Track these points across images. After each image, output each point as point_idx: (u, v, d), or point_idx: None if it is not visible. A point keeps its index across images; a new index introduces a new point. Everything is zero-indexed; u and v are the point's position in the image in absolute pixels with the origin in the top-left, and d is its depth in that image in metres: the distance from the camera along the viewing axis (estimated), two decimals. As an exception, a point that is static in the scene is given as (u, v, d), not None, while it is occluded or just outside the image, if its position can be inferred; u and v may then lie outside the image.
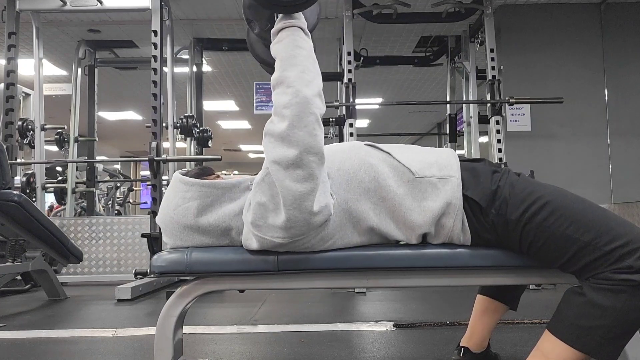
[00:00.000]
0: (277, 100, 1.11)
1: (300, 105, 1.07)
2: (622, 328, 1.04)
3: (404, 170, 1.20)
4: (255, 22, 1.31)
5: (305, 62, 1.13)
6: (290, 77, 1.10)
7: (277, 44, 1.16)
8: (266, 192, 1.11)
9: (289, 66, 1.11)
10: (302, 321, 2.41)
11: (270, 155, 1.10)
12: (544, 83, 4.61)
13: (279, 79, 1.11)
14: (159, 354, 1.23)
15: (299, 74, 1.10)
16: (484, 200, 1.17)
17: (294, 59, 1.12)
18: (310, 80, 1.11)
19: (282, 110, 1.09)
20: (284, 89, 1.10)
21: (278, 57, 1.14)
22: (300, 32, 1.17)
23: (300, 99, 1.08)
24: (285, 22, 1.17)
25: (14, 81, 3.95)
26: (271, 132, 1.10)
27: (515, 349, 1.82)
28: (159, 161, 3.68)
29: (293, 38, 1.15)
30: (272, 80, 1.14)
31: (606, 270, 1.05)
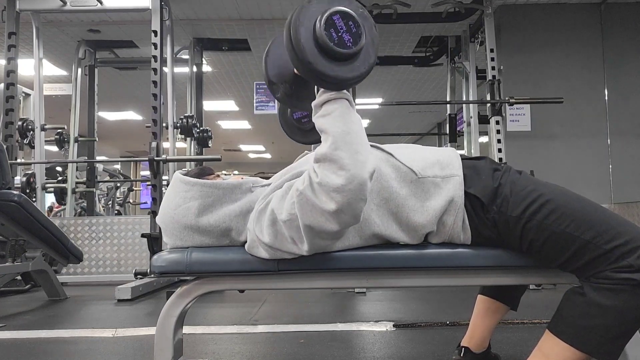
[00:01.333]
0: (326, 178, 1.00)
1: (354, 192, 1.00)
2: (623, 327, 1.04)
3: (407, 171, 1.19)
4: (278, 85, 1.17)
5: (359, 139, 1.03)
6: (344, 159, 1.00)
7: (323, 118, 1.05)
8: (289, 232, 1.10)
9: (342, 145, 1.01)
10: (302, 321, 2.41)
11: (306, 219, 1.04)
12: (544, 83, 4.61)
13: (330, 157, 1.00)
14: (159, 354, 1.23)
15: (354, 155, 1.01)
16: (486, 197, 1.17)
17: (347, 135, 1.02)
18: (364, 160, 1.01)
19: (332, 193, 1.00)
20: (335, 169, 1.00)
21: (327, 132, 1.03)
22: (348, 104, 1.07)
23: (355, 185, 0.99)
24: (330, 95, 1.06)
25: (14, 81, 3.95)
26: (312, 202, 1.02)
27: (515, 349, 1.82)
28: (159, 161, 3.68)
29: (342, 112, 1.05)
30: (318, 154, 1.02)
31: (606, 269, 1.05)
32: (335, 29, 1.01)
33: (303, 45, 1.01)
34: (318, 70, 1.02)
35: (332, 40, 1.01)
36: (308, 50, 1.01)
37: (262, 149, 14.50)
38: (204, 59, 5.76)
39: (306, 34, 1.02)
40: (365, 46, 1.04)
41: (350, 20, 1.02)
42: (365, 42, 1.04)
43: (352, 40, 1.02)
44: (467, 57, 5.04)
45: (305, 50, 1.01)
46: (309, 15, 1.02)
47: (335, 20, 1.01)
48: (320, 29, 1.00)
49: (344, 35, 1.02)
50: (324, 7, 1.03)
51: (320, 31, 1.00)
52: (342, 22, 1.02)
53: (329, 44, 1.00)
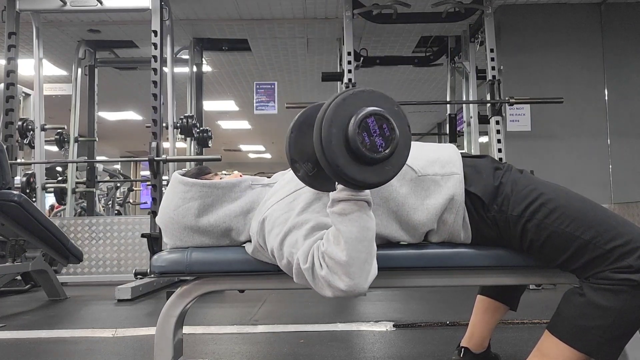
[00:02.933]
0: (330, 277, 1.01)
1: (352, 295, 1.03)
2: (622, 328, 1.04)
3: (406, 169, 1.19)
4: (300, 164, 1.09)
5: (370, 248, 1.03)
6: (353, 267, 1.00)
7: (339, 216, 1.02)
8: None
9: (353, 252, 1.00)
10: (302, 321, 2.41)
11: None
12: (544, 83, 4.60)
13: (339, 260, 1.00)
14: (159, 354, 1.23)
15: (362, 265, 1.00)
16: (487, 195, 1.17)
17: (360, 244, 1.00)
18: (369, 270, 1.02)
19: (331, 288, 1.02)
20: (341, 274, 1.00)
21: (340, 232, 1.01)
22: (367, 207, 1.04)
23: (354, 293, 1.02)
24: (351, 194, 1.02)
25: (14, 81, 3.95)
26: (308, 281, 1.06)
27: (515, 349, 1.82)
28: (159, 161, 3.68)
29: (360, 215, 1.02)
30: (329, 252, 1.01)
31: (606, 269, 1.05)
32: (368, 132, 0.97)
33: (333, 147, 0.96)
34: (346, 174, 0.97)
35: (364, 145, 0.96)
36: (338, 152, 0.97)
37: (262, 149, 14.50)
38: (204, 59, 5.75)
39: (338, 135, 0.97)
40: (398, 150, 1.00)
41: (384, 123, 0.98)
42: (397, 146, 0.99)
43: (385, 144, 0.98)
44: (467, 57, 5.03)
45: (335, 153, 0.96)
46: (341, 114, 0.98)
47: (369, 123, 0.97)
48: (353, 132, 0.96)
49: (377, 140, 0.97)
50: (358, 107, 0.98)
51: (354, 134, 0.96)
52: (377, 125, 0.97)
53: (361, 149, 0.96)
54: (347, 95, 0.99)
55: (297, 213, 1.11)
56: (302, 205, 1.12)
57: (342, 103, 0.99)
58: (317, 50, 5.95)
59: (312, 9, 4.87)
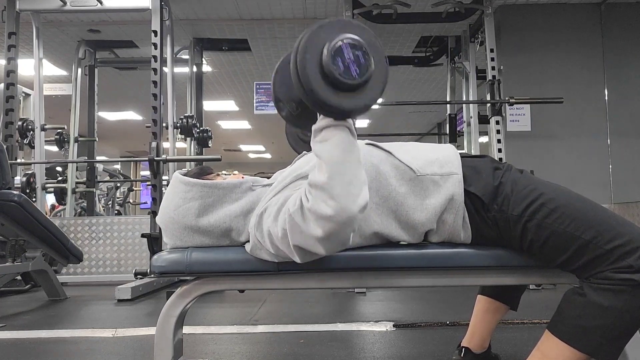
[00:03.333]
0: (316, 205, 0.99)
1: (341, 224, 0.98)
2: (622, 328, 1.04)
3: (405, 169, 1.19)
4: (284, 104, 1.13)
5: (354, 170, 1.00)
6: (336, 189, 0.97)
7: (320, 144, 1.02)
8: (283, 246, 1.10)
9: (335, 175, 0.98)
10: (302, 321, 2.41)
11: (295, 240, 1.05)
12: (544, 83, 4.60)
13: (322, 186, 0.98)
14: (159, 354, 1.23)
15: (346, 186, 0.98)
16: (486, 195, 1.17)
17: (341, 166, 0.99)
18: (357, 193, 0.99)
19: (320, 221, 0.99)
20: (325, 198, 0.98)
21: (323, 159, 1.01)
22: (348, 132, 1.03)
23: (343, 218, 0.97)
24: (331, 121, 1.03)
25: (14, 81, 3.95)
26: (298, 224, 1.02)
27: (515, 349, 1.82)
28: (159, 161, 3.68)
29: (341, 139, 1.01)
30: (312, 181, 1.01)
31: (606, 269, 1.05)
32: (342, 59, 0.97)
33: (308, 72, 0.97)
34: (320, 99, 0.98)
35: (337, 70, 0.97)
36: (312, 77, 0.98)
37: (262, 149, 14.51)
38: (204, 59, 5.75)
39: (312, 60, 0.98)
40: (373, 78, 1.00)
41: (359, 51, 0.98)
42: (372, 74, 0.99)
43: (359, 71, 0.98)
44: (467, 57, 5.04)
45: (309, 77, 0.97)
46: (317, 41, 0.98)
47: (343, 49, 0.97)
48: (326, 57, 0.97)
49: (351, 66, 0.98)
50: (333, 34, 0.99)
51: (327, 59, 0.97)
52: (351, 52, 0.98)
53: (334, 73, 0.97)
54: (324, 23, 1.01)
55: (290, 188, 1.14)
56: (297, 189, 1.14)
57: (318, 30, 0.99)
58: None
59: (312, 9, 4.87)
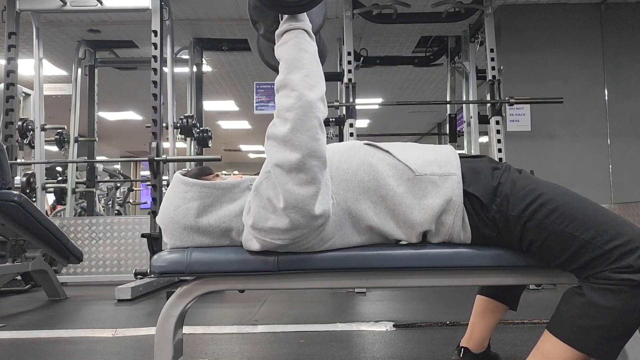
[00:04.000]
0: (280, 103, 1.10)
1: (303, 108, 1.07)
2: (622, 328, 1.04)
3: (404, 169, 1.20)
4: (260, 23, 1.28)
5: (310, 65, 1.12)
6: (294, 81, 1.09)
7: (281, 47, 1.14)
8: (267, 195, 1.11)
9: (293, 69, 1.10)
10: (302, 321, 2.41)
11: (273, 158, 1.09)
12: (544, 83, 4.61)
13: (283, 82, 1.10)
14: (159, 354, 1.23)
15: (303, 77, 1.09)
16: (485, 196, 1.17)
17: (298, 62, 1.11)
18: (314, 84, 1.10)
19: (285, 114, 1.08)
20: (287, 92, 1.09)
21: (282, 59, 1.13)
22: (305, 34, 1.15)
23: (303, 102, 1.07)
24: (289, 24, 1.15)
25: (14, 81, 3.95)
26: (273, 135, 1.09)
27: (515, 349, 1.82)
28: (159, 161, 3.68)
29: (297, 41, 1.13)
30: (275, 83, 1.12)
31: (606, 269, 1.05)
32: None
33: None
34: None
35: None
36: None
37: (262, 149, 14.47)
38: (204, 59, 5.75)
39: None
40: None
41: None
42: None
43: None
44: (467, 57, 5.04)
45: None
46: None
47: None
48: None
49: None
50: None
51: None
52: None
53: None
54: None
55: None
56: None
57: None
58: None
59: (312, 9, 4.86)
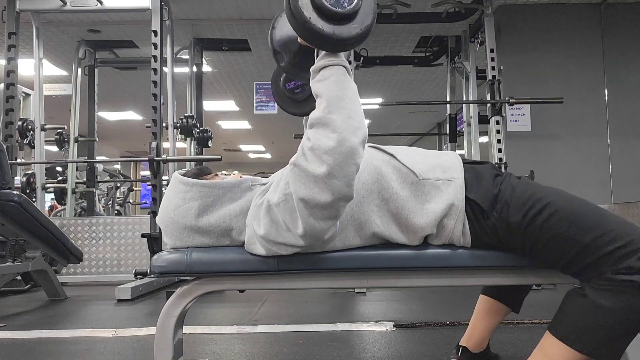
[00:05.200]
0: (318, 141, 1.02)
1: (344, 155, 1.01)
2: (624, 329, 1.04)
3: (408, 173, 1.20)
4: (282, 55, 1.19)
5: (352, 105, 1.05)
6: (337, 122, 1.02)
7: (319, 82, 1.08)
8: (283, 218, 1.10)
9: (335, 108, 1.03)
10: (302, 321, 2.41)
11: (300, 192, 1.04)
12: (544, 83, 4.61)
13: (322, 120, 1.03)
14: (159, 354, 1.23)
15: (346, 119, 1.02)
16: (486, 203, 1.17)
17: (341, 100, 1.04)
18: (357, 126, 1.03)
19: (323, 155, 1.01)
20: (327, 132, 1.02)
21: (322, 96, 1.06)
22: (345, 71, 1.09)
23: (345, 148, 1.00)
24: (328, 60, 1.09)
25: (14, 81, 3.95)
26: (304, 170, 1.03)
27: (515, 349, 1.82)
28: (159, 161, 3.68)
29: (338, 77, 1.07)
30: (312, 118, 1.05)
31: (607, 270, 1.05)
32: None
33: (300, 6, 1.04)
34: (314, 29, 1.04)
35: (328, 1, 1.03)
36: (305, 10, 1.03)
37: (262, 149, 14.51)
38: (204, 59, 5.75)
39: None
40: (362, 8, 1.06)
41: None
42: (361, 4, 1.06)
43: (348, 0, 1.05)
44: (467, 57, 5.04)
45: (302, 9, 1.03)
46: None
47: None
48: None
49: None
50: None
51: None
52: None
53: (325, 4, 1.03)
54: None
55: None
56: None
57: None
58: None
59: (312, 9, 4.86)
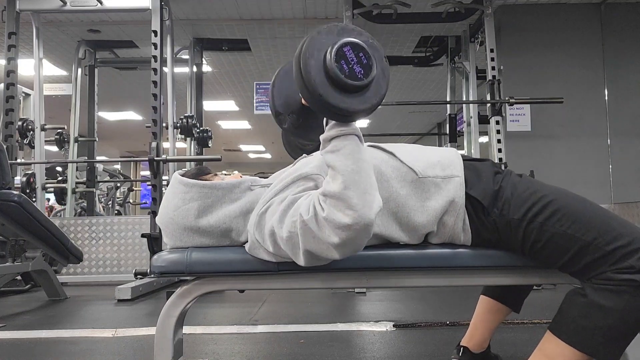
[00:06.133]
0: (333, 215, 0.99)
1: (359, 231, 0.99)
2: (624, 328, 1.04)
3: (407, 171, 1.19)
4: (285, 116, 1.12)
5: (367, 178, 1.01)
6: (353, 199, 0.98)
7: (332, 154, 1.02)
8: (286, 247, 1.09)
9: (351, 184, 0.98)
10: (302, 321, 2.41)
11: (307, 245, 1.04)
12: (544, 83, 4.61)
13: (338, 196, 0.98)
14: (159, 354, 1.23)
15: (362, 194, 0.99)
16: (486, 199, 1.17)
17: (356, 174, 0.99)
18: (372, 200, 1.00)
19: (337, 230, 0.99)
20: (343, 208, 0.98)
21: (336, 170, 1.00)
22: (357, 140, 1.03)
23: (361, 226, 0.98)
24: (340, 130, 1.02)
25: (14, 81, 3.95)
26: (315, 232, 1.02)
27: (515, 349, 1.82)
28: (159, 161, 3.68)
29: (352, 149, 1.01)
30: (327, 191, 1.00)
31: (607, 270, 1.05)
32: (346, 61, 0.99)
33: (313, 77, 0.98)
34: (329, 103, 0.98)
35: (342, 72, 0.98)
36: (318, 82, 0.98)
37: (262, 149, 14.51)
38: (204, 59, 5.75)
39: (316, 65, 0.99)
40: (377, 77, 1.02)
41: (361, 52, 1.00)
42: (376, 74, 1.01)
43: (364, 72, 0.99)
44: (467, 57, 5.04)
45: (316, 83, 0.98)
46: (318, 46, 1.00)
47: (346, 52, 0.99)
48: (330, 61, 0.98)
49: (355, 67, 0.99)
50: (334, 39, 1.00)
51: (331, 63, 0.97)
52: (353, 53, 0.99)
53: (340, 76, 0.97)
54: (321, 29, 1.02)
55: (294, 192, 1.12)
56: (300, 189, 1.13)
57: (317, 36, 1.00)
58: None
59: (312, 9, 4.87)
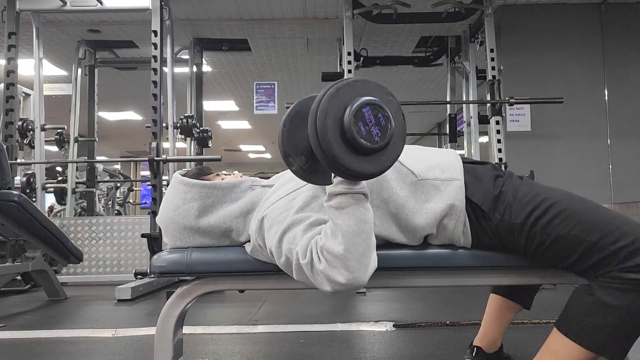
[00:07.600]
0: (328, 270, 1.01)
1: (352, 288, 1.02)
2: (631, 326, 1.05)
3: (407, 173, 1.19)
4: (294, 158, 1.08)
5: (367, 240, 1.02)
6: (351, 261, 0.99)
7: (336, 210, 1.02)
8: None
9: (350, 245, 0.99)
10: (302, 321, 2.41)
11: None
12: (544, 83, 4.61)
13: (337, 255, 1.00)
14: (159, 354, 1.23)
15: (360, 257, 1.00)
16: (486, 204, 1.17)
17: (357, 237, 1.00)
18: (368, 263, 1.02)
19: (331, 282, 1.02)
20: (340, 267, 1.00)
21: (338, 227, 1.01)
22: (364, 198, 1.03)
23: (354, 286, 1.02)
24: (347, 188, 1.02)
25: (14, 81, 3.95)
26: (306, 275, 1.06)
27: (515, 349, 1.82)
28: (159, 161, 3.68)
29: (357, 209, 1.01)
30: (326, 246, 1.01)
31: (614, 269, 1.06)
32: (364, 122, 0.96)
33: (329, 138, 0.95)
34: (343, 165, 0.96)
35: (360, 135, 0.95)
36: (334, 143, 0.95)
37: (262, 149, 14.51)
38: (204, 59, 5.75)
39: (333, 126, 0.96)
40: (394, 139, 0.99)
41: (380, 113, 0.97)
42: (393, 136, 0.99)
43: (381, 134, 0.97)
44: (467, 57, 5.03)
45: (331, 144, 0.95)
46: (336, 105, 0.97)
47: (364, 113, 0.96)
48: (349, 122, 0.95)
49: (373, 129, 0.96)
50: (352, 97, 0.97)
51: (349, 124, 0.95)
52: (372, 114, 0.96)
53: (357, 139, 0.95)
54: (341, 86, 0.99)
55: (296, 211, 1.12)
56: (301, 203, 1.13)
57: (336, 93, 0.98)
58: (317, 50, 5.95)
59: (312, 9, 4.87)
